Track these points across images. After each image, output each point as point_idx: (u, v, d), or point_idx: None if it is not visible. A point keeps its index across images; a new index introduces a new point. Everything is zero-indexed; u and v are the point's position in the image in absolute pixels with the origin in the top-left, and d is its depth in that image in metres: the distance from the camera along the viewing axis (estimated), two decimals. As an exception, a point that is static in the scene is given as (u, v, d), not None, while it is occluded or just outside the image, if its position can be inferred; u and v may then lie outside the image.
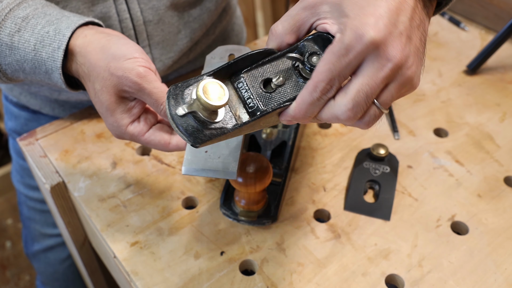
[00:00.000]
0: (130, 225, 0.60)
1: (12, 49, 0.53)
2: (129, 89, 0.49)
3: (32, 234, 0.96)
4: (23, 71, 0.55)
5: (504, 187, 0.65)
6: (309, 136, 0.71)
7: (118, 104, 0.51)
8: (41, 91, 0.76)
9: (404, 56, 0.38)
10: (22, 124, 0.87)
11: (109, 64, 0.49)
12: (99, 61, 0.50)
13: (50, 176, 0.66)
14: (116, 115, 0.51)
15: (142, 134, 0.52)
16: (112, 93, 0.50)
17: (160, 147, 0.52)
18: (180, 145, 0.52)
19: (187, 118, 0.41)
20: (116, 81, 0.49)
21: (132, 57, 0.49)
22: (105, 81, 0.50)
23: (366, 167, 0.66)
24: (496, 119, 0.74)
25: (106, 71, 0.49)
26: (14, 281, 1.61)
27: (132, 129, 0.52)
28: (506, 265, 0.56)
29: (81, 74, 0.52)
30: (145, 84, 0.49)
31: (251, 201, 0.59)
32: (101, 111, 0.52)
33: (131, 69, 0.49)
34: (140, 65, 0.49)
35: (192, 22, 0.74)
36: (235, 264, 0.56)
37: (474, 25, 0.94)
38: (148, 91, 0.49)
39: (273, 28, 0.43)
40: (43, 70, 0.53)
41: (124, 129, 0.52)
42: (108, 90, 0.50)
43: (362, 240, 0.59)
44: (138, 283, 0.54)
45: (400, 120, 0.74)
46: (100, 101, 0.51)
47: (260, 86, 0.43)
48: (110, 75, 0.49)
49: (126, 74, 0.49)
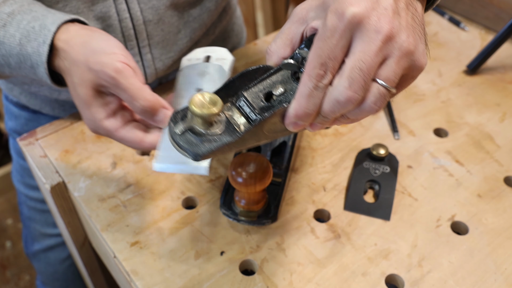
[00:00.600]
0: (130, 225, 0.60)
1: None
2: (105, 84, 0.49)
3: (32, 234, 0.96)
4: (9, 66, 0.55)
5: (504, 187, 0.65)
6: (309, 136, 0.72)
7: (95, 98, 0.51)
8: (41, 91, 0.76)
9: (394, 27, 0.37)
10: (23, 124, 0.87)
11: (88, 58, 0.50)
12: (79, 55, 0.50)
13: (50, 176, 0.66)
14: (92, 109, 0.51)
15: (117, 130, 0.52)
16: (89, 87, 0.50)
17: (134, 144, 0.52)
18: (154, 143, 0.52)
19: (185, 134, 0.42)
20: (94, 75, 0.49)
21: (111, 53, 0.50)
22: (83, 75, 0.50)
23: (366, 167, 0.66)
24: (496, 119, 0.74)
25: (84, 65, 0.50)
26: (14, 281, 1.61)
27: (107, 124, 0.51)
28: (506, 265, 0.56)
29: (62, 68, 0.53)
30: (121, 79, 0.49)
31: (251, 201, 0.59)
32: (78, 105, 0.52)
33: (108, 64, 0.49)
34: (118, 60, 0.49)
35: (192, 22, 0.74)
36: (235, 264, 0.56)
37: (474, 25, 0.94)
38: (124, 87, 0.49)
39: (268, 48, 0.44)
40: (28, 64, 0.54)
41: (99, 124, 0.51)
42: (85, 84, 0.50)
43: (362, 240, 0.59)
44: (138, 283, 0.54)
45: (400, 120, 0.74)
46: (78, 95, 0.51)
47: (262, 100, 0.43)
48: (88, 69, 0.49)
49: (103, 68, 0.49)
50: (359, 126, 0.73)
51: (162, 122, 0.51)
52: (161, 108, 0.50)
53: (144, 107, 0.49)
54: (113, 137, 0.52)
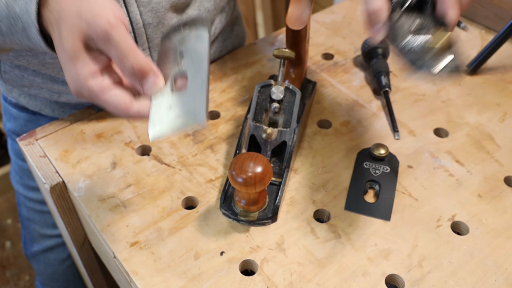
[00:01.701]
0: (130, 225, 0.60)
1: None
2: (95, 37, 0.45)
3: (32, 235, 0.96)
4: (1, 32, 0.51)
5: (505, 187, 0.64)
6: (309, 136, 0.71)
7: (81, 52, 0.46)
8: (41, 93, 0.76)
9: None
10: (22, 125, 0.87)
11: (81, 7, 0.46)
12: (71, 4, 0.47)
13: (50, 176, 0.66)
14: (77, 63, 0.46)
15: (102, 91, 0.47)
16: (77, 38, 0.46)
17: (119, 110, 0.47)
18: (142, 111, 0.48)
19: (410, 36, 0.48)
20: (84, 25, 0.45)
21: (106, 6, 0.46)
22: (72, 24, 0.46)
23: (366, 167, 0.66)
24: (496, 119, 0.74)
25: (75, 14, 0.46)
26: (14, 281, 1.61)
27: (93, 83, 0.46)
28: (506, 265, 0.56)
29: (51, 21, 0.48)
30: (113, 33, 0.45)
31: (251, 201, 0.59)
32: (62, 59, 0.47)
33: (101, 16, 0.45)
34: (112, 14, 0.46)
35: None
36: (235, 264, 0.56)
37: (474, 25, 0.93)
38: (116, 42, 0.45)
39: None
40: (19, 27, 0.50)
41: (83, 82, 0.46)
42: (73, 34, 0.46)
43: (362, 240, 0.58)
44: (138, 283, 0.54)
45: (400, 120, 0.74)
46: (63, 47, 0.46)
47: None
48: (79, 18, 0.46)
49: (95, 19, 0.45)
50: (359, 126, 0.73)
51: (150, 88, 0.47)
52: (151, 73, 0.47)
53: (135, 67, 0.46)
54: (97, 100, 0.47)
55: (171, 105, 0.48)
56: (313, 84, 0.76)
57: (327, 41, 0.90)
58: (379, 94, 0.79)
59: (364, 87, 0.80)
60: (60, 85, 0.72)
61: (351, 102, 0.77)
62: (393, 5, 0.49)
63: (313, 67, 0.84)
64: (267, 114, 0.63)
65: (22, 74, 0.72)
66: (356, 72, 0.83)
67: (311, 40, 0.90)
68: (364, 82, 0.81)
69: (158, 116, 0.48)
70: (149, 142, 0.70)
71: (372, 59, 0.81)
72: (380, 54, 0.81)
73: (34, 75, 0.72)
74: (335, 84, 0.81)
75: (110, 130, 0.72)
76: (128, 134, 0.72)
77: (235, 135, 0.71)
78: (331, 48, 0.88)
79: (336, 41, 0.90)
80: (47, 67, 0.69)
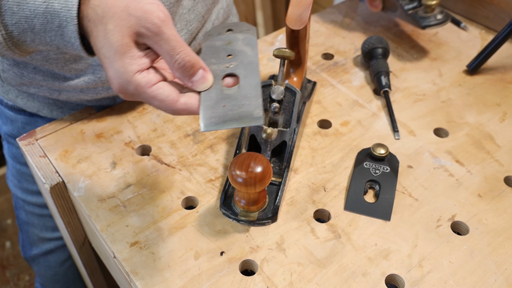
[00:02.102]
0: (130, 225, 0.60)
1: (20, 4, 0.49)
2: (146, 32, 0.46)
3: (31, 239, 0.95)
4: (32, 29, 0.50)
5: (505, 187, 0.64)
6: (309, 136, 0.71)
7: (130, 47, 0.46)
8: (40, 91, 0.76)
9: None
10: (19, 128, 0.86)
11: (129, 4, 0.46)
12: (117, 1, 0.47)
13: (50, 176, 0.66)
14: (125, 59, 0.46)
15: (150, 86, 0.47)
16: (126, 34, 0.46)
17: (167, 103, 0.47)
18: (189, 104, 0.48)
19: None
20: (134, 21, 0.46)
21: (154, 2, 0.47)
22: (120, 21, 0.46)
23: (366, 167, 0.66)
24: (496, 119, 0.74)
25: (124, 11, 0.46)
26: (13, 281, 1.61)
27: (139, 78, 0.46)
28: (506, 265, 0.56)
29: (92, 18, 0.47)
30: (164, 28, 0.45)
31: (251, 201, 0.59)
32: (107, 55, 0.47)
33: (152, 11, 0.46)
34: (161, 10, 0.46)
35: (186, 14, 0.74)
36: (235, 264, 0.56)
37: (474, 25, 0.93)
38: (167, 36, 0.46)
39: None
40: (55, 24, 0.49)
41: (130, 76, 0.46)
42: (122, 30, 0.46)
43: (362, 240, 0.58)
44: (138, 283, 0.54)
45: (400, 120, 0.74)
46: (110, 43, 0.46)
47: None
48: (127, 15, 0.46)
49: (146, 15, 0.46)
50: (359, 126, 0.73)
51: (199, 83, 0.48)
52: (201, 68, 0.48)
53: (185, 61, 0.46)
54: (144, 95, 0.47)
55: (223, 101, 0.48)
56: (313, 84, 0.76)
57: (327, 41, 0.90)
58: (379, 94, 0.79)
59: (364, 87, 0.80)
60: (61, 82, 0.72)
61: (351, 102, 0.77)
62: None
63: (313, 67, 0.84)
64: (267, 114, 0.63)
65: (22, 72, 0.71)
66: (356, 72, 0.83)
67: (311, 40, 0.90)
68: (364, 82, 0.81)
69: (209, 110, 0.48)
70: (149, 142, 0.70)
71: (372, 59, 0.81)
72: (380, 54, 0.81)
73: (34, 72, 0.71)
74: (335, 84, 0.81)
75: (110, 130, 0.72)
76: (128, 134, 0.72)
77: (235, 135, 0.71)
78: (331, 48, 0.88)
79: (336, 41, 0.90)
80: (50, 62, 0.68)
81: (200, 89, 0.49)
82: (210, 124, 0.47)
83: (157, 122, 0.73)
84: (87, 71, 0.70)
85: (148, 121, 0.73)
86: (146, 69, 0.47)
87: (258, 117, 0.46)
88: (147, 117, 0.74)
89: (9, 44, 0.51)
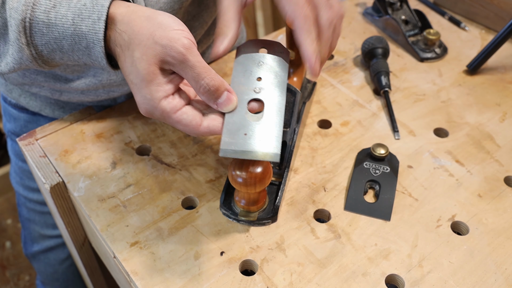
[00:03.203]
0: (130, 225, 0.60)
1: (49, 26, 0.50)
2: (171, 60, 0.47)
3: (32, 236, 0.96)
4: (61, 49, 0.52)
5: (505, 187, 0.64)
6: (309, 136, 0.71)
7: (156, 75, 0.48)
8: (42, 91, 0.76)
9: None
10: (22, 126, 0.87)
11: (154, 32, 0.47)
12: (143, 29, 0.48)
13: (50, 176, 0.66)
14: (152, 86, 0.48)
15: (175, 111, 0.49)
16: (152, 62, 0.48)
17: (190, 127, 0.50)
18: (212, 128, 0.50)
19: None
20: (160, 50, 0.47)
21: (179, 29, 0.48)
22: (147, 49, 0.47)
23: (366, 167, 0.66)
24: (496, 119, 0.74)
25: (150, 39, 0.47)
26: (13, 281, 1.61)
27: (165, 104, 0.49)
28: (506, 265, 0.56)
29: (119, 43, 0.49)
30: (189, 55, 0.47)
31: (251, 201, 0.59)
32: (135, 81, 0.49)
33: (177, 39, 0.47)
34: (185, 37, 0.48)
35: (191, 21, 0.74)
36: (235, 264, 0.56)
37: (474, 25, 0.93)
38: (192, 64, 0.47)
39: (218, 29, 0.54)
40: (83, 45, 0.51)
41: (157, 103, 0.49)
42: (148, 58, 0.48)
43: (362, 240, 0.58)
44: (138, 283, 0.54)
45: (400, 120, 0.74)
46: (137, 70, 0.48)
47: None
48: (154, 43, 0.47)
49: (171, 43, 0.47)
50: (359, 126, 0.73)
51: (224, 105, 0.50)
52: (225, 90, 0.49)
53: (210, 86, 0.48)
54: (169, 119, 0.50)
55: (245, 128, 0.50)
56: (313, 84, 0.76)
57: (327, 41, 0.90)
58: (379, 94, 0.79)
59: (364, 87, 0.80)
60: (62, 83, 0.72)
61: (351, 102, 0.77)
62: None
63: (313, 67, 0.84)
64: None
65: (24, 72, 0.72)
66: (356, 72, 0.83)
67: (311, 40, 0.90)
68: (364, 82, 0.81)
69: (231, 135, 0.50)
70: (149, 142, 0.70)
71: (372, 59, 0.81)
72: (380, 54, 0.81)
73: (36, 73, 0.72)
74: (335, 84, 0.81)
75: (110, 130, 0.72)
76: (128, 134, 0.72)
77: (235, 135, 0.71)
78: (331, 48, 0.88)
79: (336, 41, 0.90)
80: None
81: (225, 110, 0.50)
82: (229, 151, 0.49)
83: (157, 122, 0.73)
84: (88, 73, 0.70)
85: (148, 121, 0.73)
86: (171, 95, 0.49)
87: (275, 154, 0.49)
88: (147, 117, 0.74)
89: (39, 62, 0.54)
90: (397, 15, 0.89)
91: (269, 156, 0.49)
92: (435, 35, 0.84)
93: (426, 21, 0.89)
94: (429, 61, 0.85)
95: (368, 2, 0.99)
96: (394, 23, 0.88)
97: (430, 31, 0.85)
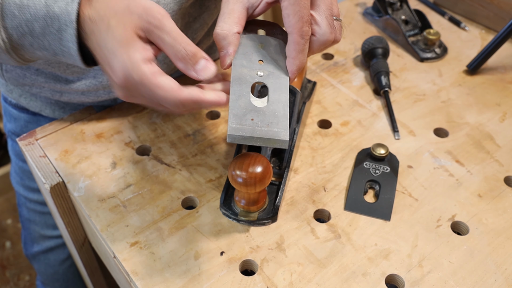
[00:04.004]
0: (130, 225, 0.60)
1: (21, 7, 0.49)
2: (148, 26, 0.47)
3: (32, 236, 0.96)
4: (32, 33, 0.51)
5: (505, 187, 0.64)
6: (309, 136, 0.71)
7: (134, 39, 0.48)
8: (42, 92, 0.76)
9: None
10: (22, 126, 0.87)
11: (129, 4, 0.48)
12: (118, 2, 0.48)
13: (50, 176, 0.66)
14: (130, 49, 0.47)
15: (155, 75, 0.47)
16: (129, 28, 0.47)
17: (172, 92, 0.48)
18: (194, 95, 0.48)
19: None
20: (135, 18, 0.47)
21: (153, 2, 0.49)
22: (123, 17, 0.47)
23: (366, 167, 0.66)
24: (496, 119, 0.74)
25: (125, 9, 0.48)
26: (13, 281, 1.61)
27: (144, 66, 0.47)
28: (506, 265, 0.56)
29: (94, 18, 0.48)
30: (166, 21, 0.47)
31: (251, 201, 0.59)
32: (110, 47, 0.48)
33: (152, 8, 0.47)
34: (159, 7, 0.48)
35: (193, 22, 0.74)
36: (235, 264, 0.56)
37: (474, 25, 0.93)
38: (169, 29, 0.47)
39: (219, 30, 0.52)
40: (55, 27, 0.49)
41: (136, 66, 0.47)
42: (124, 25, 0.47)
43: (362, 240, 0.58)
44: (138, 283, 0.54)
45: (400, 120, 0.74)
46: (113, 35, 0.47)
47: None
48: (129, 13, 0.47)
49: (148, 11, 0.47)
50: (359, 126, 0.73)
51: (202, 72, 0.48)
52: (202, 58, 0.49)
53: (188, 51, 0.47)
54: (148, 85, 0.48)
55: (251, 113, 0.50)
56: (313, 84, 0.76)
57: (327, 41, 0.90)
58: (379, 94, 0.79)
59: (364, 87, 0.80)
60: (62, 84, 0.72)
61: (351, 102, 0.77)
62: None
63: (313, 67, 0.84)
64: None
65: (24, 73, 0.72)
66: (356, 72, 0.83)
67: (311, 40, 0.90)
68: (364, 82, 0.81)
69: (238, 120, 0.49)
70: (149, 142, 0.70)
71: (372, 59, 0.81)
72: (380, 54, 0.81)
73: (36, 74, 0.72)
74: (335, 84, 0.81)
75: (110, 130, 0.72)
76: (128, 134, 0.72)
77: (235, 135, 0.71)
78: (331, 48, 0.88)
79: (336, 41, 0.90)
80: (53, 66, 0.69)
81: (204, 77, 0.49)
82: (238, 137, 0.48)
83: (157, 122, 0.73)
84: (88, 75, 0.70)
85: (148, 121, 0.73)
86: (149, 61, 0.48)
87: (284, 141, 0.48)
88: (147, 117, 0.74)
89: (8, 47, 0.52)
90: (397, 15, 0.90)
91: (277, 143, 0.48)
92: (435, 35, 0.84)
93: (426, 21, 0.89)
94: (429, 61, 0.85)
95: (368, 2, 1.00)
96: (394, 23, 0.88)
97: (430, 31, 0.85)
